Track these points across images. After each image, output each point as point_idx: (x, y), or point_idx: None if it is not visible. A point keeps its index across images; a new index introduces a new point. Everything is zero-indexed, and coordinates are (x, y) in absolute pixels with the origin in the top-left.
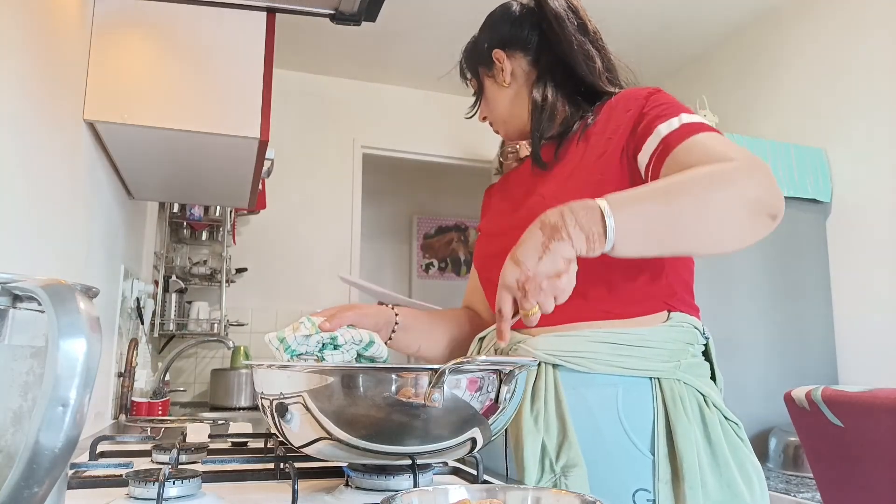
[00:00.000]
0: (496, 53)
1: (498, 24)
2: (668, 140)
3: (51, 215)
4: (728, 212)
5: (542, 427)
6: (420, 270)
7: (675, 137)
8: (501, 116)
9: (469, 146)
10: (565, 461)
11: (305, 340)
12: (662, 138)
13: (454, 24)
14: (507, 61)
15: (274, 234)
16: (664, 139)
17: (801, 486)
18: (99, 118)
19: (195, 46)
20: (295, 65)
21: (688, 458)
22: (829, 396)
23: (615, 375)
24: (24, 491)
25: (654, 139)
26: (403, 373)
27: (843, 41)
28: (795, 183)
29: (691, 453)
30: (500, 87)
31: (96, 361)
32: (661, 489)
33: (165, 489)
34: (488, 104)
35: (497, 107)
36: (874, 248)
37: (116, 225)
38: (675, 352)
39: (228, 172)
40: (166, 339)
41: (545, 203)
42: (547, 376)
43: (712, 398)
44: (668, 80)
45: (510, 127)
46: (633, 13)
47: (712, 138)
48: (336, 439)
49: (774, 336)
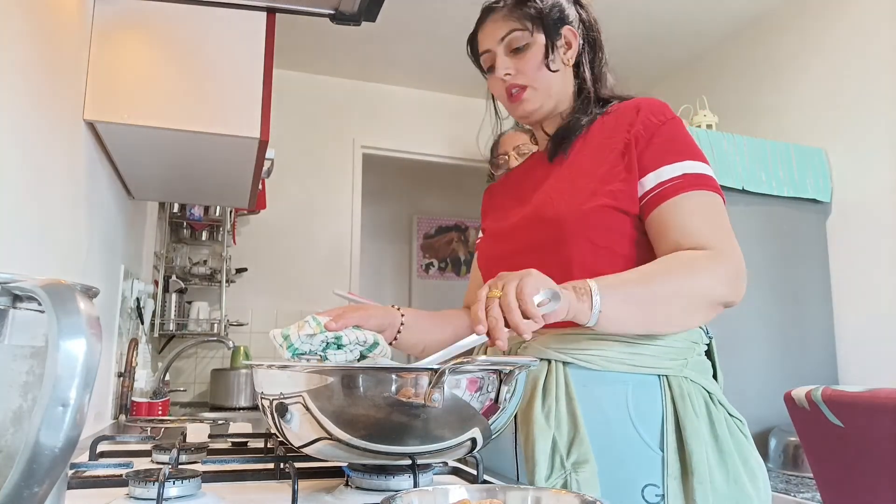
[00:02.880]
0: (570, 30)
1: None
2: (665, 189)
3: (51, 215)
4: (693, 306)
5: (552, 424)
6: (420, 270)
7: (671, 189)
8: (544, 90)
9: (469, 146)
10: (576, 457)
11: (309, 339)
12: (661, 181)
13: (454, 24)
14: (575, 43)
15: (274, 234)
16: (661, 184)
17: (801, 486)
18: (99, 118)
19: (195, 46)
20: (295, 65)
21: (696, 454)
22: (829, 396)
23: (625, 373)
24: (24, 491)
25: (653, 178)
26: (403, 373)
27: (843, 41)
28: (795, 183)
29: (700, 449)
30: (554, 62)
31: (96, 361)
32: (670, 484)
33: (165, 489)
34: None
35: (542, 79)
36: (874, 248)
37: (116, 225)
38: (682, 350)
39: (228, 172)
40: (166, 339)
41: (551, 204)
42: (558, 374)
43: (717, 395)
44: (668, 80)
45: (547, 105)
46: (633, 13)
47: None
48: (336, 439)
49: (774, 336)
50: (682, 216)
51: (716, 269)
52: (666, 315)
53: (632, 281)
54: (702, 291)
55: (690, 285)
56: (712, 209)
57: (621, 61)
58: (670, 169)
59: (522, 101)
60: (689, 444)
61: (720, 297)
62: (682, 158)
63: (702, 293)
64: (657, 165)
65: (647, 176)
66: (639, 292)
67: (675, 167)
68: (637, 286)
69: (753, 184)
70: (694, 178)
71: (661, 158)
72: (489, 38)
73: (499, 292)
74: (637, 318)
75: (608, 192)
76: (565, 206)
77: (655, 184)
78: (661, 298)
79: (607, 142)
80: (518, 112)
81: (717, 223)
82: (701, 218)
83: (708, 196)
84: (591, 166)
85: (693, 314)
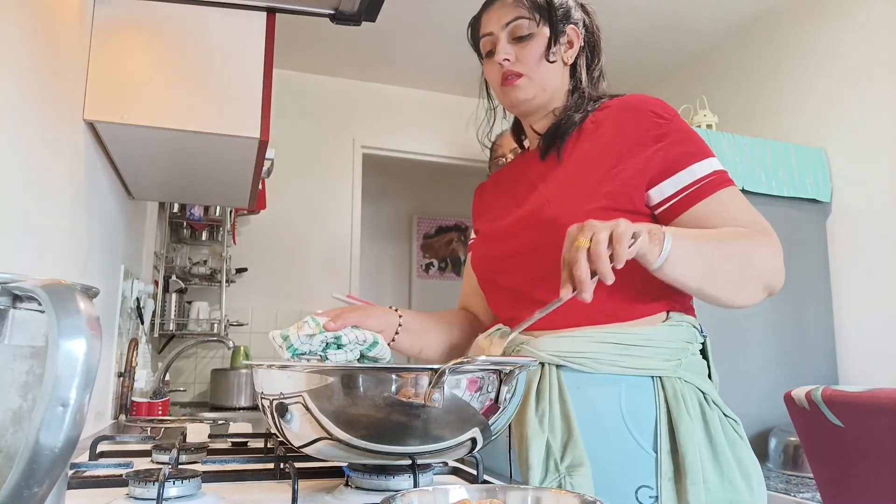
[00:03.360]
0: (574, 30)
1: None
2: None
3: (51, 215)
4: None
5: (546, 427)
6: (420, 270)
7: (708, 187)
8: (539, 82)
9: (469, 146)
10: (570, 460)
11: (309, 340)
12: (697, 179)
13: (454, 23)
14: (577, 43)
15: (274, 234)
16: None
17: (801, 486)
18: (99, 118)
19: (195, 46)
20: (295, 65)
21: (690, 455)
22: (829, 396)
23: (618, 375)
24: (24, 491)
25: (686, 175)
26: (403, 373)
27: (843, 41)
28: (795, 183)
29: (693, 450)
30: (554, 55)
31: (96, 361)
32: (663, 486)
33: (165, 489)
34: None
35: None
36: (874, 248)
37: (116, 225)
38: (676, 350)
39: (228, 172)
40: (166, 339)
41: (548, 206)
42: (551, 377)
43: (712, 396)
44: (668, 80)
45: (540, 98)
46: (633, 12)
47: (734, 198)
48: (336, 439)
49: (774, 336)
50: (722, 212)
51: (772, 244)
52: (724, 277)
53: (702, 235)
54: (761, 262)
55: (752, 252)
56: (743, 201)
57: (621, 61)
58: (699, 166)
59: (515, 86)
60: (683, 445)
61: (772, 274)
62: (701, 157)
63: (760, 263)
64: (679, 167)
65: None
66: (706, 246)
67: (702, 164)
68: (706, 241)
69: (753, 184)
70: (722, 176)
71: (682, 160)
72: (494, 21)
73: (586, 241)
74: (698, 270)
75: (605, 193)
76: (563, 208)
77: (690, 181)
78: (725, 257)
79: (603, 140)
80: (509, 98)
81: (754, 213)
82: (739, 210)
83: (735, 191)
84: (586, 166)
85: (745, 286)
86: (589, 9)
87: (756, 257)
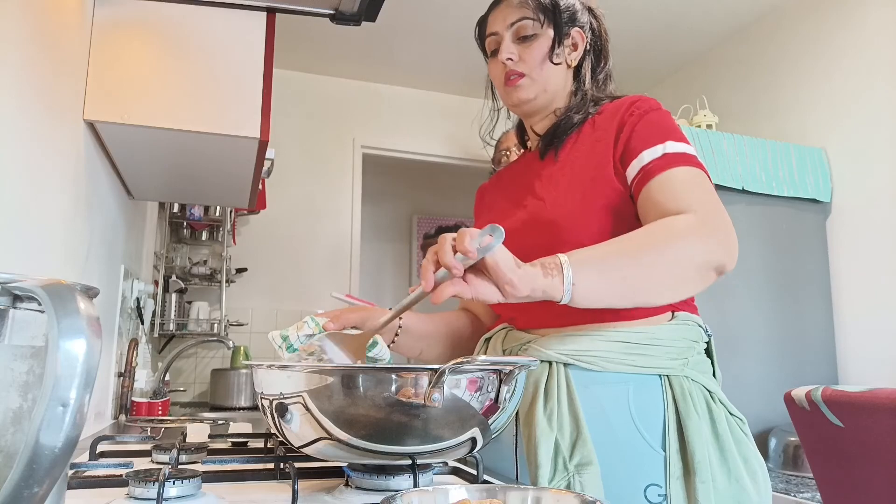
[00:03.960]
0: (580, 32)
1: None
2: (649, 169)
3: (51, 215)
4: (680, 272)
5: (555, 426)
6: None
7: (655, 168)
8: (542, 82)
9: (469, 146)
10: (579, 459)
11: (308, 340)
12: (643, 165)
13: (454, 24)
14: (581, 46)
15: (274, 234)
16: (644, 167)
17: (801, 486)
18: (99, 118)
19: (195, 46)
20: (295, 65)
21: (698, 454)
22: (829, 396)
23: (626, 374)
24: (24, 491)
25: (636, 164)
26: (403, 373)
27: (843, 41)
28: (795, 183)
29: (702, 449)
30: (558, 57)
31: (96, 361)
32: (672, 484)
33: (165, 489)
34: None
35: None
36: (874, 248)
37: (116, 225)
38: (682, 349)
39: (228, 172)
40: (166, 339)
41: (547, 208)
42: (559, 376)
43: (718, 394)
44: (668, 80)
45: (542, 98)
46: (633, 12)
47: (685, 176)
48: (336, 439)
49: (774, 336)
50: (668, 190)
51: (700, 230)
52: (651, 284)
53: (609, 252)
54: (687, 255)
55: (674, 250)
56: (696, 180)
57: (622, 60)
58: (650, 152)
59: (518, 86)
60: (691, 443)
61: (710, 261)
62: (664, 140)
63: (688, 257)
64: (640, 150)
65: (632, 163)
66: (617, 262)
67: (655, 149)
68: (615, 256)
69: (753, 184)
70: (675, 156)
71: (643, 143)
72: (499, 21)
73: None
74: (616, 289)
75: (603, 193)
76: (561, 210)
77: (639, 168)
78: (643, 266)
79: (598, 141)
80: (512, 98)
81: (702, 191)
82: (685, 188)
83: (692, 170)
84: (582, 167)
85: (682, 281)
86: (597, 12)
87: (680, 251)
